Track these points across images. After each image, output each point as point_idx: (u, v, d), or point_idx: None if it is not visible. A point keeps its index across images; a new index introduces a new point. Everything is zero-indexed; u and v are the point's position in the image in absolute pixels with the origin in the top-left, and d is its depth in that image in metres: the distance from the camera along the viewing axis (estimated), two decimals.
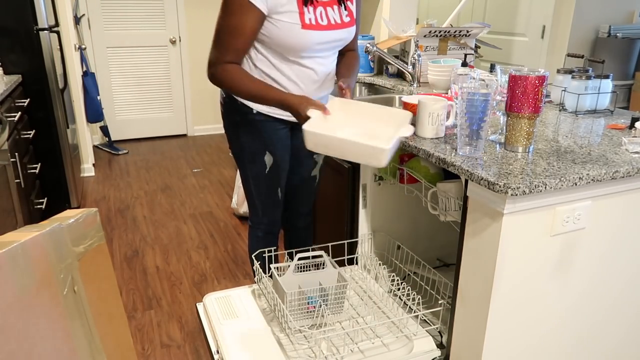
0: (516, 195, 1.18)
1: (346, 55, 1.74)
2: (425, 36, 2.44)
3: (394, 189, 2.03)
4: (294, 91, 1.58)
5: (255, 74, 1.56)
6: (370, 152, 1.27)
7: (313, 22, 1.48)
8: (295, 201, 1.91)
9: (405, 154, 1.80)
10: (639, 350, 1.64)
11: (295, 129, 1.74)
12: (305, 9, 1.47)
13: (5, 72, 2.91)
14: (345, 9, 1.57)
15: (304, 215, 1.97)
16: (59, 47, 3.39)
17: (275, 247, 1.93)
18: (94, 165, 4.23)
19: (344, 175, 2.03)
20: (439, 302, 1.65)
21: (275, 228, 1.86)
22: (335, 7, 1.54)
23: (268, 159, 1.69)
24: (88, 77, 4.14)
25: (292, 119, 1.65)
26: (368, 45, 2.57)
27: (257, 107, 1.62)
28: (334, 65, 1.67)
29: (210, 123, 5.29)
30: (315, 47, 1.52)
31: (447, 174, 1.72)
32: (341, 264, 2.04)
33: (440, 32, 2.44)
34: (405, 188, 1.85)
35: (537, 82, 1.49)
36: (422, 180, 1.68)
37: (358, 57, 1.77)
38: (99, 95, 4.33)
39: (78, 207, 3.35)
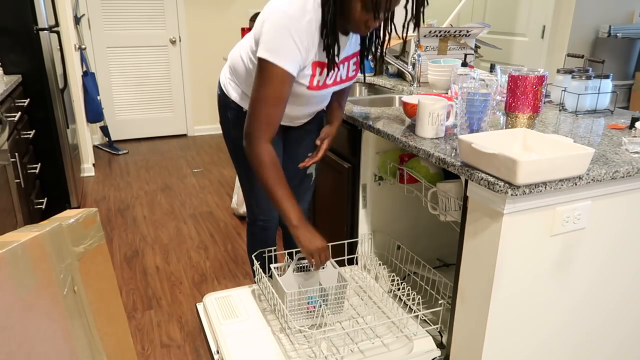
0: (516, 195, 1.18)
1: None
2: (425, 36, 2.44)
3: (394, 189, 2.03)
4: (293, 111, 1.61)
5: (246, 72, 1.57)
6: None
7: (321, 83, 1.51)
8: None
9: (405, 154, 1.80)
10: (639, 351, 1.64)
11: (288, 127, 1.76)
12: (318, 72, 1.48)
13: (5, 72, 2.91)
14: (354, 63, 1.60)
15: None
16: (59, 47, 3.39)
17: (274, 247, 1.93)
18: (94, 165, 4.23)
19: (344, 175, 2.03)
20: (439, 302, 1.65)
21: (271, 224, 1.85)
22: (354, 59, 1.58)
23: None
24: (88, 77, 4.14)
25: (285, 124, 1.69)
26: None
27: (247, 106, 1.63)
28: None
29: (210, 123, 5.29)
30: (313, 99, 1.57)
31: (447, 174, 1.72)
32: (341, 264, 2.04)
33: (440, 32, 2.44)
34: (405, 188, 1.85)
35: (536, 82, 1.50)
36: (422, 180, 1.68)
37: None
38: (99, 95, 4.33)
39: (78, 207, 3.35)
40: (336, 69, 1.53)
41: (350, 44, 1.54)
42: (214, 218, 3.26)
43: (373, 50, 1.58)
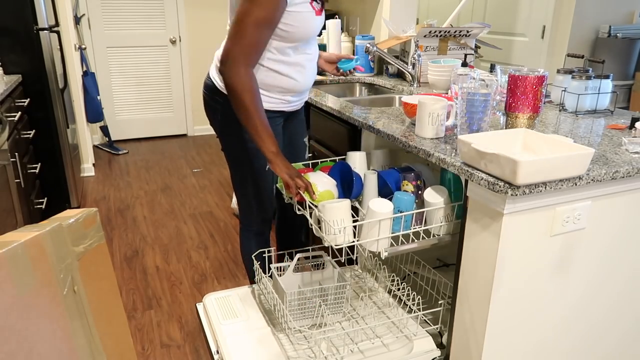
0: (516, 195, 1.18)
1: None
2: (425, 36, 2.44)
3: None
4: (299, 78, 1.62)
5: (261, 73, 1.57)
6: None
7: (317, 7, 1.54)
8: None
9: (302, 169, 1.69)
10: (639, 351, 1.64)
11: (288, 118, 1.78)
12: None
13: (5, 72, 2.91)
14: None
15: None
16: (59, 47, 3.39)
17: (271, 249, 1.93)
18: (94, 165, 4.23)
19: None
20: (439, 302, 1.65)
21: (266, 228, 1.85)
22: None
23: None
24: (88, 77, 4.14)
25: (291, 109, 1.71)
26: (368, 45, 2.57)
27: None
28: None
29: (207, 123, 5.28)
30: (317, 30, 1.59)
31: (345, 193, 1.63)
32: (341, 264, 2.04)
33: (440, 32, 2.44)
34: (296, 207, 1.65)
35: (536, 82, 1.50)
36: (306, 198, 1.52)
37: None
38: (99, 95, 4.33)
39: (78, 207, 3.35)
40: None
41: None
42: (214, 218, 3.26)
43: None
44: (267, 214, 1.81)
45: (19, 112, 2.62)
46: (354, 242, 1.45)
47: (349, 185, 1.62)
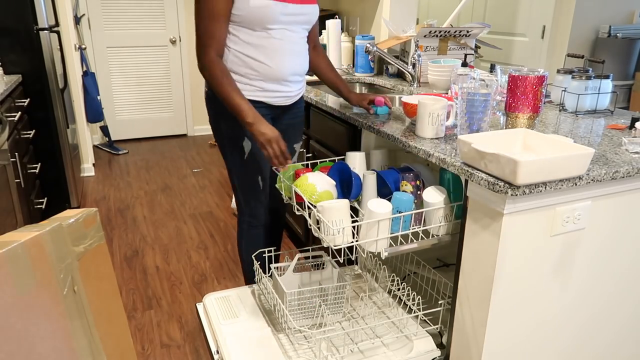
0: (516, 195, 1.18)
1: (319, 56, 1.90)
2: (425, 36, 2.44)
3: None
4: (269, 63, 1.64)
5: (230, 55, 1.63)
6: None
7: None
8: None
9: (301, 169, 1.68)
10: (639, 351, 1.64)
11: (278, 116, 1.80)
12: None
13: (5, 72, 2.91)
14: None
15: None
16: (59, 47, 3.39)
17: (272, 247, 1.93)
18: (94, 165, 4.23)
19: None
20: (439, 302, 1.65)
21: (258, 222, 1.86)
22: None
23: (247, 145, 1.72)
24: (88, 77, 4.14)
25: (275, 102, 1.73)
26: (368, 45, 2.57)
27: None
28: (305, 43, 1.75)
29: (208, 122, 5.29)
30: (282, 18, 1.60)
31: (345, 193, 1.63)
32: (341, 264, 2.04)
33: (440, 32, 2.44)
34: (295, 207, 1.64)
35: (536, 82, 1.50)
36: (304, 198, 1.52)
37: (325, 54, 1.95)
38: (99, 95, 4.33)
39: (78, 207, 3.35)
40: None
41: None
42: (214, 218, 3.26)
43: None
44: (252, 208, 1.82)
45: (19, 112, 2.62)
46: (352, 242, 1.45)
47: (348, 186, 1.62)
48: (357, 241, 1.45)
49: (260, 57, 1.63)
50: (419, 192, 1.57)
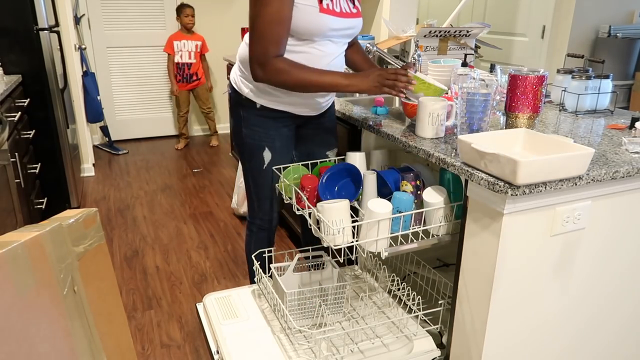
0: (516, 195, 1.18)
1: (355, 45, 1.86)
2: (425, 36, 2.44)
3: None
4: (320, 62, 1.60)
5: None
6: None
7: (330, 7, 1.53)
8: None
9: (307, 174, 1.66)
10: (639, 351, 1.64)
11: (302, 125, 1.76)
12: None
13: (5, 72, 2.91)
14: (353, 3, 1.63)
15: None
16: (59, 47, 3.39)
17: (272, 247, 1.93)
18: (94, 165, 4.23)
19: None
20: (439, 302, 1.65)
21: (269, 225, 1.86)
22: None
23: (267, 154, 1.71)
24: (88, 77, 4.14)
25: (300, 113, 1.69)
26: (368, 45, 2.57)
27: (261, 101, 1.65)
28: (344, 51, 1.71)
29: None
30: (330, 32, 1.56)
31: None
32: (341, 264, 2.04)
33: (440, 32, 2.44)
34: (295, 207, 1.64)
35: (536, 82, 1.50)
36: (304, 199, 1.53)
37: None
38: (99, 95, 4.33)
39: (78, 207, 3.35)
40: None
41: None
42: (214, 218, 3.26)
43: None
44: (266, 214, 1.82)
45: (19, 112, 2.62)
46: (352, 242, 1.44)
47: (355, 184, 1.61)
48: (357, 241, 1.45)
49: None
50: (419, 192, 1.57)
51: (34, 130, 2.95)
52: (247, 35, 1.61)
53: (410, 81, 1.48)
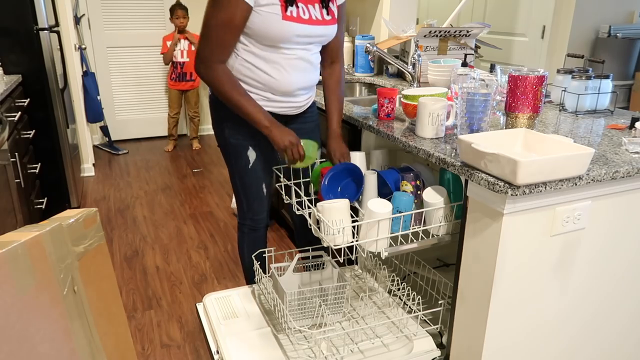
0: (516, 195, 1.18)
1: (331, 76, 1.78)
2: (425, 36, 2.44)
3: None
4: (276, 76, 1.60)
5: (237, 63, 1.59)
6: None
7: (295, 14, 1.53)
8: None
9: (325, 167, 1.68)
10: (639, 351, 1.64)
11: (287, 122, 1.76)
12: (287, 3, 1.51)
13: (5, 72, 2.91)
14: (327, 11, 1.61)
15: None
16: (59, 47, 3.39)
17: (265, 247, 1.93)
18: (94, 165, 4.23)
19: None
20: (439, 302, 1.65)
21: (259, 225, 1.85)
22: (317, 5, 1.58)
23: (251, 154, 1.72)
24: (88, 77, 4.14)
25: (282, 112, 1.70)
26: (368, 45, 2.57)
27: None
28: (318, 56, 1.70)
29: (209, 123, 5.25)
30: (295, 39, 1.56)
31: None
32: (341, 264, 2.04)
33: (440, 32, 2.44)
34: (295, 206, 1.70)
35: (536, 82, 1.50)
36: (303, 198, 1.56)
37: (343, 74, 1.81)
38: (99, 95, 4.33)
39: (78, 207, 3.35)
40: (301, 4, 1.54)
41: None
42: (214, 218, 3.26)
43: None
44: (256, 214, 1.81)
45: (19, 112, 2.62)
46: (353, 242, 1.44)
47: (357, 183, 1.61)
48: (357, 241, 1.45)
49: (268, 70, 1.59)
50: (419, 192, 1.57)
51: (34, 130, 2.94)
52: None
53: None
